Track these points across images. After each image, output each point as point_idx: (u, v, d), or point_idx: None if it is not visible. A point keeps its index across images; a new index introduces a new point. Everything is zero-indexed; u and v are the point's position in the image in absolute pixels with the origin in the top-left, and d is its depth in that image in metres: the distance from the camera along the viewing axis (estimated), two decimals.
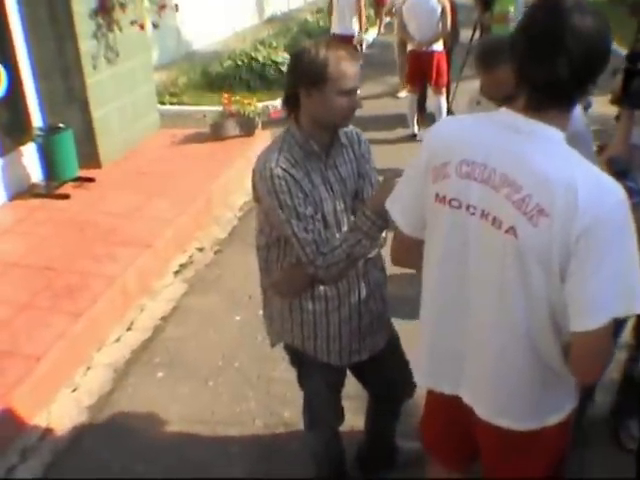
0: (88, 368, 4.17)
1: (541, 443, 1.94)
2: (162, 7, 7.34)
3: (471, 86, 4.11)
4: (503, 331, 1.81)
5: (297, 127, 2.44)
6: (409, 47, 8.38)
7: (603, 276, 1.59)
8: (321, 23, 14.96)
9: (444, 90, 8.38)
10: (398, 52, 10.13)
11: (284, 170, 2.34)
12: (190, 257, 5.62)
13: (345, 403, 2.98)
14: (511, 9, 8.03)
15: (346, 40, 9.28)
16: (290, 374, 2.94)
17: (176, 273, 5.37)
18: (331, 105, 2.34)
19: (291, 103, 2.45)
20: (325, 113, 2.37)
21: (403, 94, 9.61)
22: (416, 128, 8.51)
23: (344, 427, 3.03)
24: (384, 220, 2.31)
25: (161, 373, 4.17)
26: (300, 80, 2.35)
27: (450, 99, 8.62)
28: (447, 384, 2.03)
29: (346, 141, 2.57)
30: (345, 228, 2.50)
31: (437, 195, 1.85)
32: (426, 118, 8.85)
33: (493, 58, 2.68)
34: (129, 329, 4.62)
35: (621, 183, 1.67)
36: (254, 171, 2.47)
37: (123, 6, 6.78)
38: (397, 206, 2.06)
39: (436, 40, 8.09)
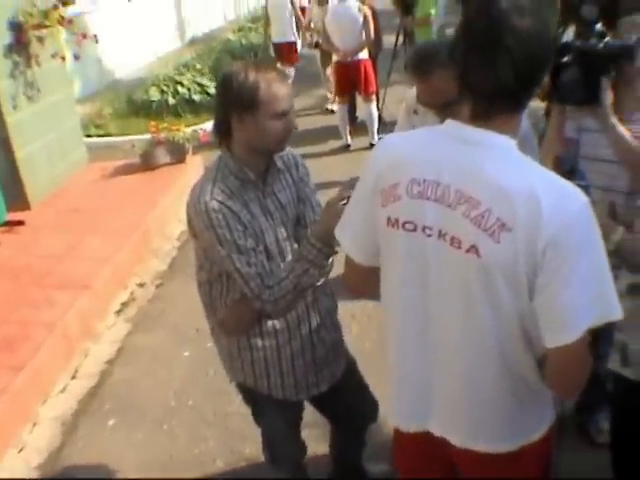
0: (34, 424, 3.95)
1: (523, 462, 1.83)
2: (83, 37, 7.13)
3: (401, 91, 4.03)
4: (471, 352, 1.71)
5: (230, 155, 2.32)
6: (334, 58, 8.35)
7: (575, 286, 1.50)
8: (243, 41, 14.90)
9: (374, 97, 8.38)
10: (321, 64, 10.16)
11: (220, 203, 2.21)
12: (131, 294, 5.42)
13: (305, 432, 2.89)
14: (432, 12, 8.06)
15: (286, 48, 9.42)
16: (247, 408, 2.81)
17: (118, 312, 5.17)
18: (265, 129, 2.23)
19: (222, 130, 2.32)
20: (259, 138, 2.26)
21: (335, 106, 9.60)
22: (349, 138, 8.50)
23: (308, 455, 2.93)
24: (330, 247, 2.22)
25: (112, 420, 3.98)
26: (231, 106, 2.23)
27: (380, 106, 8.63)
28: (415, 422, 1.91)
29: (283, 166, 2.46)
30: (289, 257, 2.39)
31: (389, 219, 1.73)
32: (358, 127, 8.85)
33: (428, 64, 2.58)
34: (74, 377, 4.40)
35: (572, 182, 1.60)
36: (188, 205, 2.33)
37: (41, 40, 6.56)
38: (347, 234, 1.92)
39: (361, 49, 8.09)
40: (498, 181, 1.54)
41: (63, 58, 6.98)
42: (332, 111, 9.91)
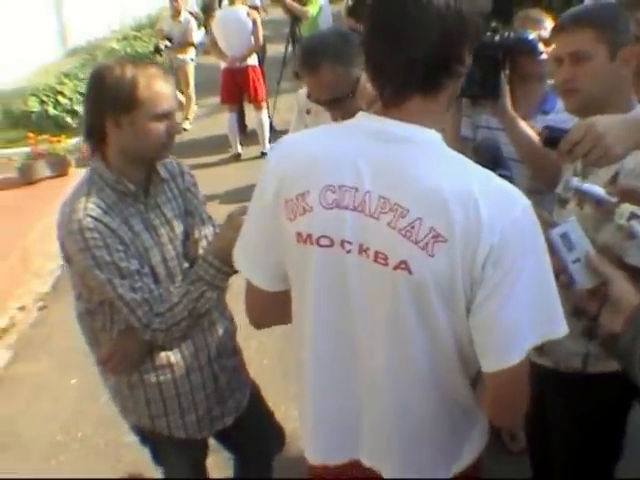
0: None
1: None
2: None
3: (292, 99, 3.86)
4: (402, 377, 1.50)
5: (105, 165, 2.04)
6: (223, 65, 8.11)
7: (517, 303, 1.32)
8: (128, 50, 14.40)
9: (264, 104, 8.20)
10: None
11: (95, 219, 1.93)
12: (11, 319, 5.01)
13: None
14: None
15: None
16: None
17: None
18: (146, 133, 1.98)
19: (95, 136, 2.04)
20: (140, 144, 2.00)
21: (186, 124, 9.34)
22: (239, 147, 8.28)
23: None
24: (230, 266, 1.91)
25: None
26: (105, 107, 1.96)
27: (270, 114, 8.46)
28: (341, 452, 1.66)
29: (167, 175, 2.21)
30: (180, 278, 2.13)
31: (299, 235, 1.47)
32: (248, 136, 8.66)
33: (314, 56, 2.37)
34: None
35: (495, 172, 1.43)
36: (58, 226, 2.02)
37: None
38: (246, 255, 1.64)
39: (249, 55, 7.91)
40: (428, 184, 1.33)
41: None
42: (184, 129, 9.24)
